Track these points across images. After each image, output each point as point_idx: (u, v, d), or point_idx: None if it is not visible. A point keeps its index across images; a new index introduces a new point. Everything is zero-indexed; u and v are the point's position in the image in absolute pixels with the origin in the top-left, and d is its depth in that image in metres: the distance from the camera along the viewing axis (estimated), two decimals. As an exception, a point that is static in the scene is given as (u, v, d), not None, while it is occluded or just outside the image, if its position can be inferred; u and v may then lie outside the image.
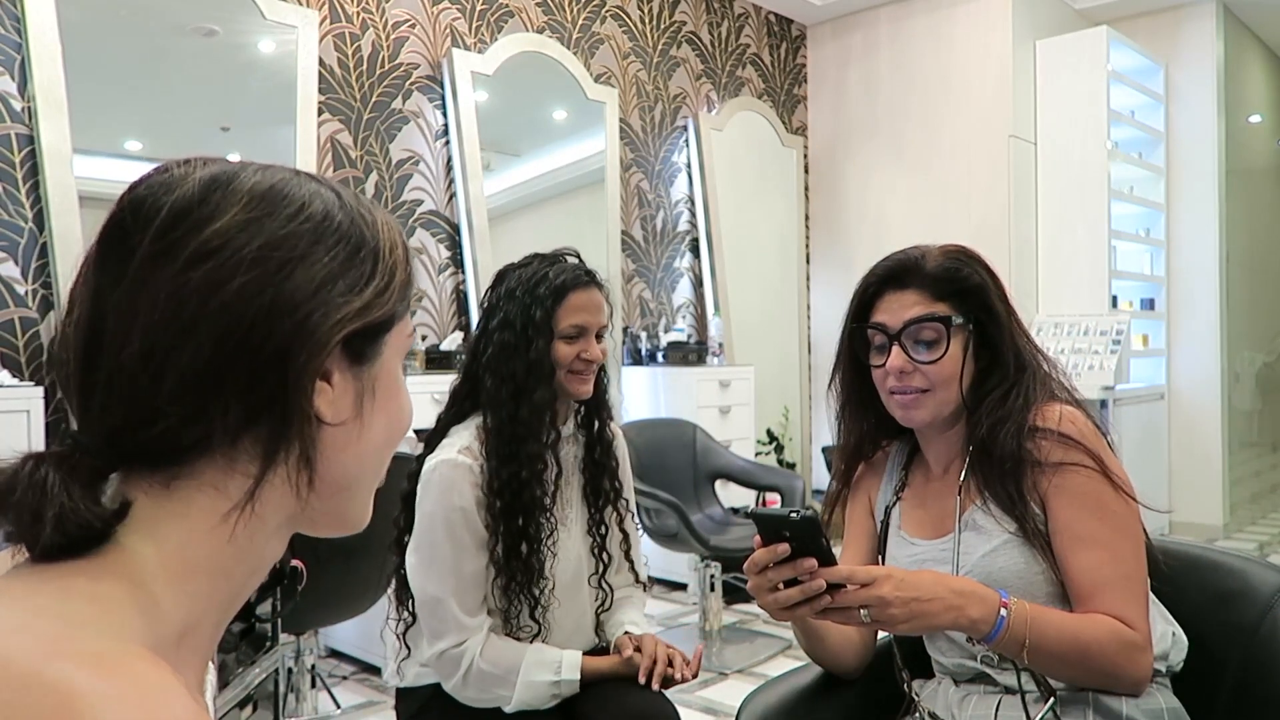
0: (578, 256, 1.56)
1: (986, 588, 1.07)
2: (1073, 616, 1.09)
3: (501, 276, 1.55)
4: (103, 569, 0.46)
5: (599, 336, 1.52)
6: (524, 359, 1.46)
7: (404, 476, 1.53)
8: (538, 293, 1.49)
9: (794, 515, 0.98)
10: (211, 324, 0.48)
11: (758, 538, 1.03)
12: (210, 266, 0.48)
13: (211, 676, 0.62)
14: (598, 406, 1.59)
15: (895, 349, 1.18)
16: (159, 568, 0.48)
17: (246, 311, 0.48)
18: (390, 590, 1.57)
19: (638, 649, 1.51)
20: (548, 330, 1.47)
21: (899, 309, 1.20)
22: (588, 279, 1.52)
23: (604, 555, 1.59)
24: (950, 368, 1.18)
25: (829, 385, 1.32)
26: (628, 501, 1.64)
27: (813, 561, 0.99)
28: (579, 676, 1.45)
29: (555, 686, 1.44)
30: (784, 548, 1.00)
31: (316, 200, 0.53)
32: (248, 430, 0.50)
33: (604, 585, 1.60)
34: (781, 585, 1.02)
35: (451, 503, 1.43)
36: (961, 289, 1.19)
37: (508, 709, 1.44)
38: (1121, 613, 1.08)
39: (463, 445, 1.47)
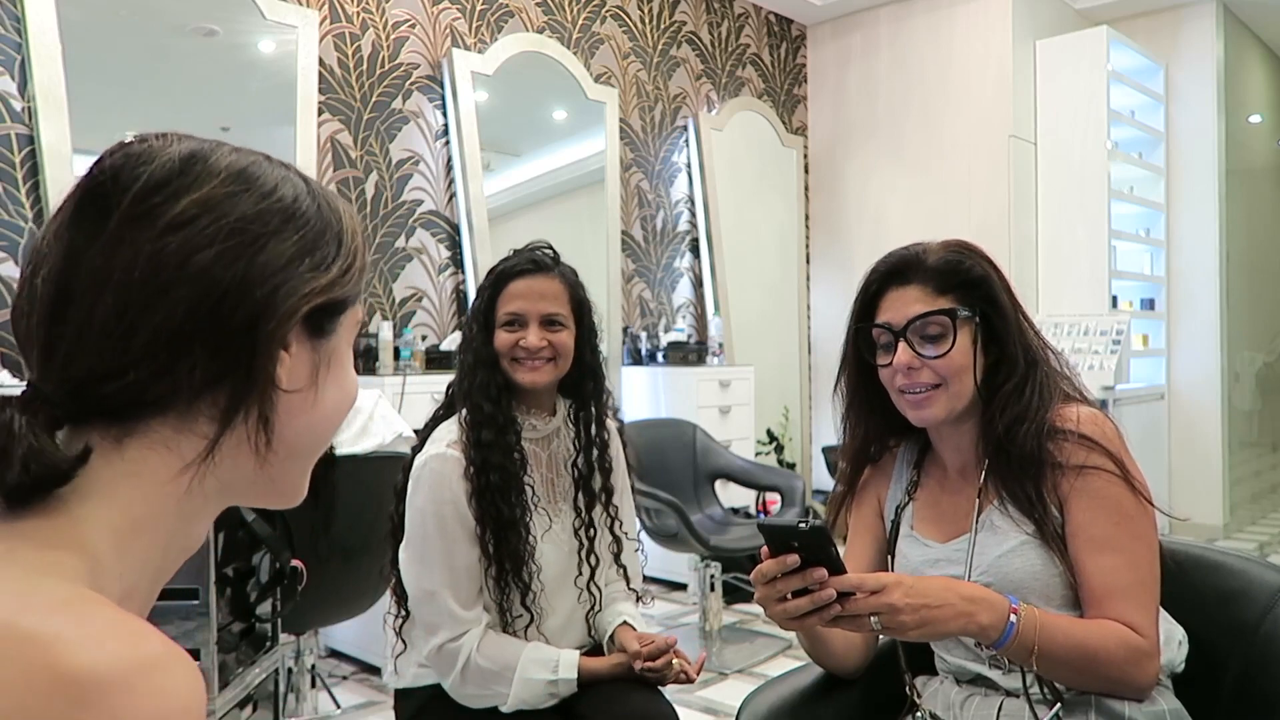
0: (550, 249, 1.57)
1: (996, 594, 1.07)
2: (1082, 622, 1.09)
3: None
4: (51, 531, 0.48)
5: (554, 324, 1.50)
6: (471, 350, 1.51)
7: (399, 470, 1.53)
8: (482, 284, 1.54)
9: (802, 525, 0.97)
10: (187, 287, 0.50)
11: (765, 549, 1.02)
12: (188, 233, 0.51)
13: None
14: (585, 403, 1.58)
15: (901, 345, 1.17)
16: (105, 526, 0.49)
17: (221, 278, 0.51)
18: (391, 585, 1.57)
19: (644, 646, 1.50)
20: (484, 320, 1.51)
21: (902, 305, 1.18)
22: (531, 267, 1.52)
23: (590, 558, 1.57)
24: (959, 360, 1.16)
25: (834, 387, 1.30)
26: (618, 509, 1.61)
27: (823, 571, 0.99)
28: (576, 676, 1.45)
29: (553, 686, 1.44)
30: (794, 559, 0.99)
31: (287, 184, 0.56)
32: (209, 391, 0.52)
33: (592, 589, 1.58)
34: (790, 595, 1.02)
35: (442, 496, 1.44)
36: (965, 281, 1.18)
37: (505, 708, 1.44)
38: (1131, 619, 1.07)
39: (451, 439, 1.48)
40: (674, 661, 1.50)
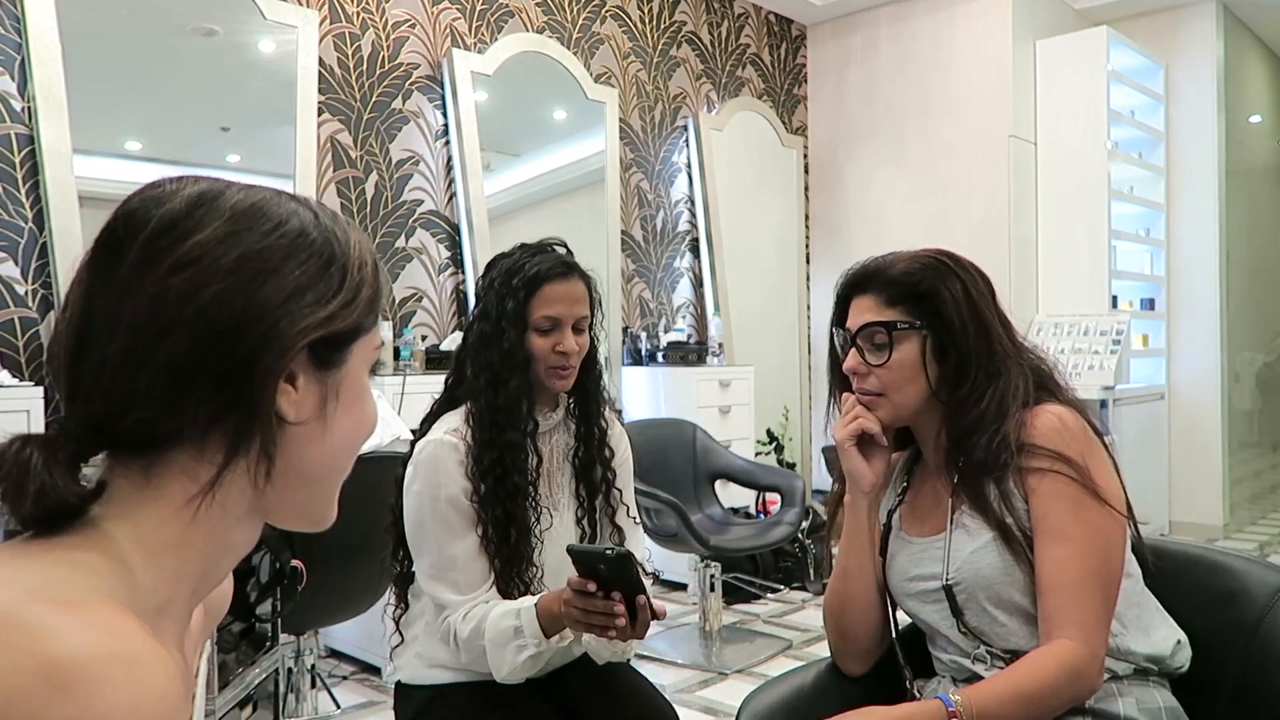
0: (565, 247, 1.56)
1: (931, 704, 1.07)
2: (1015, 675, 1.09)
3: (489, 267, 1.56)
4: (83, 543, 0.51)
5: (580, 329, 1.51)
6: (499, 349, 1.47)
7: (399, 465, 1.53)
8: (512, 284, 1.49)
9: (609, 552, 1.19)
10: (187, 327, 0.52)
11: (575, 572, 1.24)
12: (189, 274, 0.53)
13: (202, 664, 0.66)
14: (586, 398, 1.59)
15: (852, 351, 1.25)
16: (135, 545, 0.53)
17: (220, 317, 0.53)
18: (393, 578, 1.57)
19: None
20: (520, 322, 1.48)
21: (858, 313, 1.26)
22: (564, 270, 1.51)
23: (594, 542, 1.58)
24: (899, 371, 1.21)
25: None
26: (621, 493, 1.61)
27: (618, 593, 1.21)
28: (535, 611, 1.37)
29: (517, 624, 1.36)
30: (592, 585, 1.22)
31: (294, 219, 0.57)
32: (217, 424, 0.54)
33: None
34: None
35: (438, 481, 1.44)
36: (913, 295, 1.22)
37: (499, 677, 1.40)
38: (1073, 618, 1.08)
39: (450, 427, 1.48)
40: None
